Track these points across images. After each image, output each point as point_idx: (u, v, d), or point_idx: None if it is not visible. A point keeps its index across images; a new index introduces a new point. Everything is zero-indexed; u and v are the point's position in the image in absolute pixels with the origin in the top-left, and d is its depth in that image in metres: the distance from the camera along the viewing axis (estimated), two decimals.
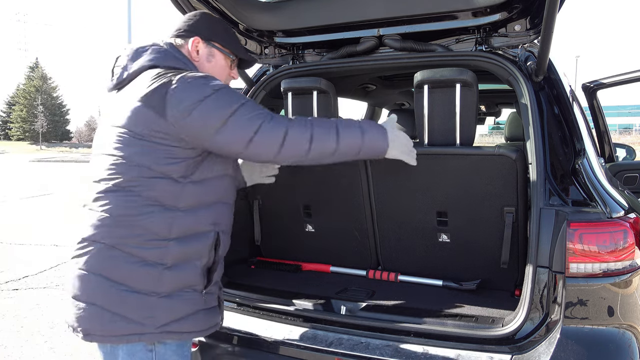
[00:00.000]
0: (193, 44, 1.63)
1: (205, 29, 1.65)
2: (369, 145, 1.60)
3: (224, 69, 1.70)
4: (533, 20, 2.03)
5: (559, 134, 1.89)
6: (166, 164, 1.44)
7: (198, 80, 1.45)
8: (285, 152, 1.47)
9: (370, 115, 4.54)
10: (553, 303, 1.62)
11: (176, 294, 1.47)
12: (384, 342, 1.75)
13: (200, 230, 1.51)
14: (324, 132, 1.53)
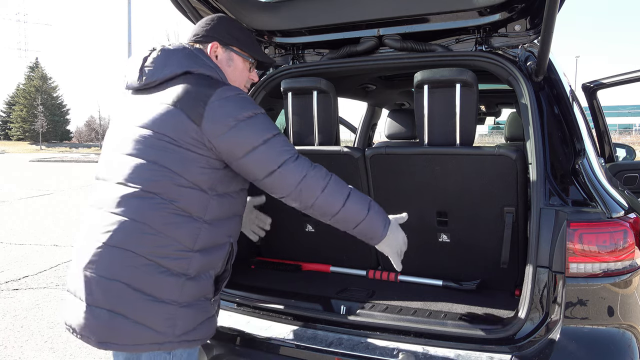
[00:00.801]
0: (212, 49, 1.63)
1: (223, 33, 1.65)
2: (368, 225, 1.57)
3: (243, 72, 1.70)
4: (533, 20, 2.03)
5: (559, 134, 1.89)
6: (198, 174, 1.44)
7: (239, 99, 1.47)
8: (297, 193, 1.49)
9: (370, 115, 4.54)
10: (553, 303, 1.62)
11: (194, 303, 1.48)
12: (384, 342, 1.75)
13: (219, 242, 1.54)
14: (337, 190, 1.53)
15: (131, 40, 19.65)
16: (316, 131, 2.29)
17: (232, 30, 1.67)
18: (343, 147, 2.22)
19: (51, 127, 58.80)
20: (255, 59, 1.72)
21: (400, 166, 2.12)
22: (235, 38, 1.66)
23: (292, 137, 2.36)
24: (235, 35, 1.66)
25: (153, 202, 1.40)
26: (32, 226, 7.71)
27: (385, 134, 3.58)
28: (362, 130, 4.57)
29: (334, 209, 1.53)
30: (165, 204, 1.40)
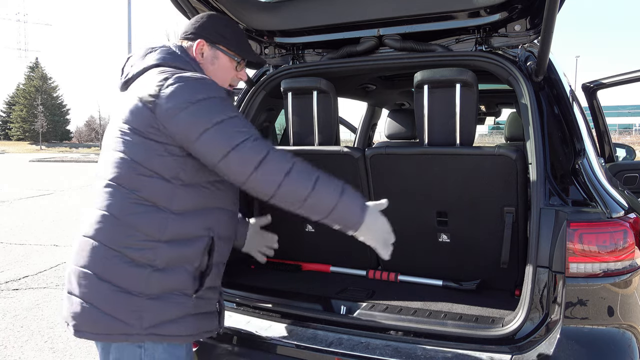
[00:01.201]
0: (197, 47, 1.63)
1: (210, 31, 1.65)
2: (342, 211, 1.46)
3: (228, 71, 1.69)
4: (533, 20, 2.03)
5: (559, 134, 1.89)
6: (158, 162, 1.44)
7: (194, 82, 1.45)
8: (256, 178, 1.39)
9: (370, 115, 4.54)
10: (553, 303, 1.62)
11: (165, 296, 1.45)
12: (384, 342, 1.75)
13: (193, 235, 1.50)
14: (303, 174, 1.44)
15: (131, 40, 19.65)
16: (316, 131, 2.29)
17: (220, 28, 1.67)
18: (343, 147, 2.22)
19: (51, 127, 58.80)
20: (241, 58, 1.70)
21: (400, 166, 2.12)
22: (222, 36, 1.65)
23: (292, 137, 2.36)
24: (222, 34, 1.66)
25: (119, 193, 1.44)
26: (32, 226, 7.71)
27: (385, 134, 3.58)
28: (362, 130, 4.57)
29: (301, 194, 1.42)
30: (129, 194, 1.43)
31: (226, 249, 1.65)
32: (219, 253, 1.59)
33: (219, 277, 1.66)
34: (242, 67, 1.73)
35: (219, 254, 1.59)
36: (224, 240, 1.62)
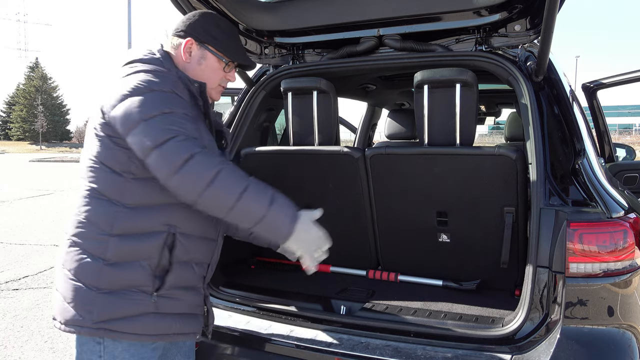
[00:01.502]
0: (186, 45, 1.60)
1: (200, 30, 1.62)
2: (270, 221, 1.40)
3: (216, 72, 1.65)
4: (533, 20, 2.03)
5: (559, 134, 1.89)
6: (107, 155, 1.44)
7: (138, 76, 1.43)
8: (180, 178, 1.33)
9: (370, 115, 4.54)
10: (553, 303, 1.62)
11: (119, 292, 1.43)
12: (384, 342, 1.75)
13: (148, 230, 1.45)
14: (231, 180, 1.36)
15: (131, 40, 19.64)
16: (316, 131, 2.29)
17: (211, 27, 1.63)
18: (343, 147, 2.22)
19: (51, 127, 58.82)
20: (230, 59, 1.66)
21: (400, 166, 2.12)
22: (212, 36, 1.62)
23: (292, 137, 2.36)
24: (212, 33, 1.62)
25: (82, 187, 1.49)
26: (32, 226, 7.71)
27: (385, 134, 3.58)
28: (362, 130, 4.57)
29: (227, 203, 1.35)
30: (86, 188, 1.47)
31: (201, 248, 1.57)
32: (186, 251, 1.51)
33: (198, 278, 1.59)
34: (231, 68, 1.70)
35: (186, 252, 1.51)
36: (194, 239, 1.53)
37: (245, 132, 2.43)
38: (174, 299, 1.51)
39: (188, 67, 1.61)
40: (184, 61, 1.61)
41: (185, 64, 1.61)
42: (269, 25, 2.37)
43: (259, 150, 2.34)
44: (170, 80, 1.47)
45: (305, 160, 2.29)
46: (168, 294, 1.49)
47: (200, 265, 1.59)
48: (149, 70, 1.47)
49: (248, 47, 2.51)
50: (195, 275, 1.57)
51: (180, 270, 1.51)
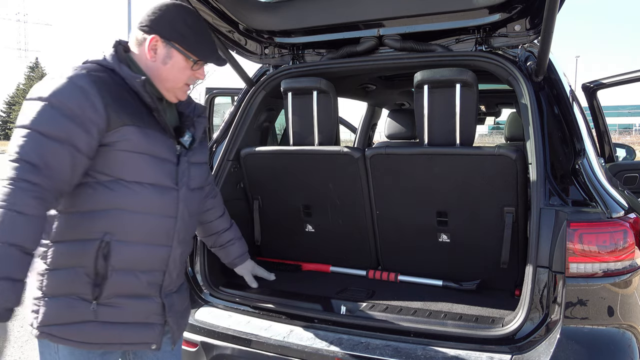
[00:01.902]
0: (150, 43, 1.48)
1: (166, 26, 1.48)
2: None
3: (183, 71, 1.53)
4: (533, 20, 2.03)
5: (559, 134, 1.89)
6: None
7: (50, 81, 1.38)
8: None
9: (370, 115, 4.54)
10: (553, 303, 1.62)
11: (61, 298, 1.41)
12: (384, 342, 1.75)
13: (83, 237, 1.41)
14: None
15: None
16: (316, 131, 2.29)
17: (177, 23, 1.49)
18: (343, 147, 2.22)
19: None
20: (198, 59, 1.54)
21: (400, 166, 2.12)
22: (179, 33, 1.49)
23: (292, 137, 2.36)
24: (179, 30, 1.49)
25: None
26: None
27: (385, 134, 3.59)
28: (362, 130, 4.57)
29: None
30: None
31: (146, 255, 1.49)
32: (126, 259, 1.45)
33: (148, 286, 1.51)
34: (201, 66, 1.57)
35: (126, 260, 1.45)
36: (136, 246, 1.46)
37: (245, 132, 2.43)
38: (117, 307, 1.46)
39: (152, 66, 1.51)
40: (148, 59, 1.50)
41: (149, 62, 1.50)
42: (269, 25, 2.37)
43: (259, 150, 2.34)
44: (66, 90, 1.34)
45: (305, 160, 2.29)
46: (110, 302, 1.45)
47: (148, 273, 1.50)
48: (66, 75, 1.38)
49: (248, 47, 2.51)
50: (142, 283, 1.49)
51: (121, 278, 1.45)
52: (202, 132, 1.67)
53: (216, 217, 1.98)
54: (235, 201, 2.44)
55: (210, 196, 1.94)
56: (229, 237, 2.03)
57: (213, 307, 2.11)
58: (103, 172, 1.41)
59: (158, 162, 1.48)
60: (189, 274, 2.21)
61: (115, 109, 1.39)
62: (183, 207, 1.54)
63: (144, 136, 1.43)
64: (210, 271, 2.20)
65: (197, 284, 2.20)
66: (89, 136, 1.34)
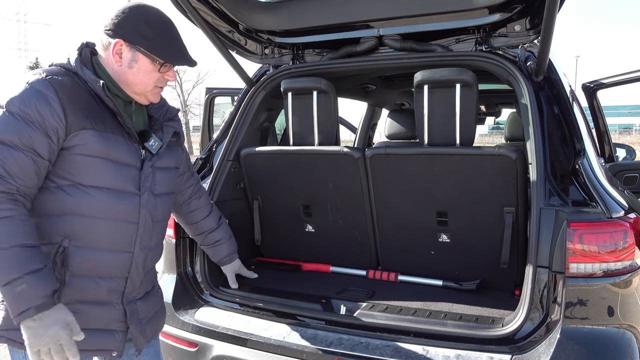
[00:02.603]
0: (115, 48, 1.45)
1: (129, 29, 1.45)
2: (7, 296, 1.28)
3: (150, 74, 1.49)
4: (533, 20, 2.03)
5: (559, 134, 1.89)
6: None
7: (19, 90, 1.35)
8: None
9: (370, 115, 4.54)
10: (553, 303, 1.62)
11: None
12: (384, 342, 1.75)
13: (41, 242, 1.38)
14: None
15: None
16: (316, 131, 2.29)
17: (140, 25, 1.46)
18: (343, 147, 2.22)
19: None
20: (164, 61, 1.50)
21: (400, 166, 2.12)
22: (142, 36, 1.45)
23: (292, 137, 2.36)
24: (143, 33, 1.45)
25: None
26: None
27: (385, 134, 3.58)
28: (362, 130, 4.58)
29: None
30: None
31: (106, 262, 1.47)
32: (84, 265, 1.43)
33: (109, 292, 1.49)
34: (169, 68, 1.54)
35: (84, 266, 1.43)
36: (95, 252, 1.44)
37: (245, 132, 2.43)
38: (77, 313, 1.41)
39: (119, 70, 1.48)
40: (114, 64, 1.48)
41: (115, 67, 1.48)
42: (269, 25, 2.37)
43: (259, 150, 2.34)
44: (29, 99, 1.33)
45: (305, 160, 2.29)
46: (69, 307, 1.39)
47: (108, 280, 1.48)
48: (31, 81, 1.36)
49: (248, 47, 2.51)
50: (102, 289, 1.47)
51: (80, 284, 1.44)
52: (172, 136, 1.64)
53: (201, 217, 1.98)
54: (235, 201, 2.44)
55: (194, 197, 1.93)
56: (217, 237, 2.05)
57: (213, 307, 2.11)
58: (62, 177, 1.40)
59: (118, 167, 1.46)
60: (189, 274, 2.21)
61: (75, 112, 1.38)
62: (145, 212, 1.52)
63: (103, 140, 1.42)
64: (210, 271, 2.20)
65: (197, 284, 2.19)
66: (49, 141, 1.34)
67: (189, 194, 1.91)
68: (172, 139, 1.65)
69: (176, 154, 1.68)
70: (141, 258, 1.54)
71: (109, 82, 1.48)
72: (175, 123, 1.66)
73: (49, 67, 1.44)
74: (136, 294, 1.57)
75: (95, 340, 1.48)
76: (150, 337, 1.65)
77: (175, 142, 1.67)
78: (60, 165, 1.40)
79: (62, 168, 1.40)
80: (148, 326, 1.62)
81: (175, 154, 1.67)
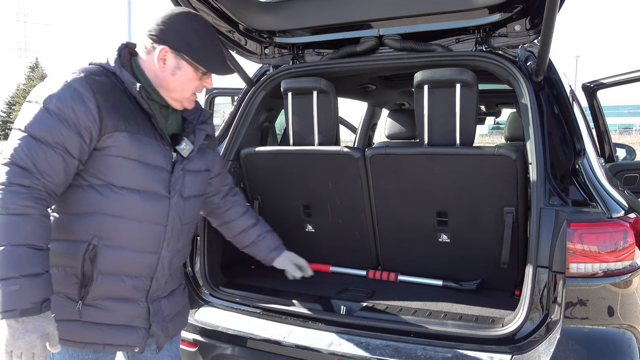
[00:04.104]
0: (160, 54, 1.47)
1: (175, 37, 1.47)
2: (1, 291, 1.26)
3: (191, 81, 1.53)
4: (533, 20, 2.03)
5: (559, 134, 1.89)
6: None
7: (50, 83, 1.38)
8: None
9: (370, 115, 4.54)
10: (553, 303, 1.62)
11: (54, 296, 1.38)
12: (384, 342, 1.75)
13: (72, 238, 1.43)
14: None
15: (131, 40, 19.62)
16: (316, 131, 2.29)
17: (186, 33, 1.48)
18: (343, 147, 2.22)
19: None
20: (207, 70, 1.53)
21: (400, 166, 2.12)
22: (187, 44, 1.48)
23: (292, 137, 2.36)
24: (188, 41, 1.48)
25: None
26: None
27: (385, 134, 3.58)
28: (362, 130, 4.58)
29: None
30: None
31: (133, 261, 1.50)
32: (112, 263, 1.46)
33: (134, 291, 1.52)
34: (209, 75, 1.57)
35: (112, 264, 1.46)
36: (123, 251, 1.47)
37: (245, 132, 2.43)
38: (102, 309, 1.48)
39: (161, 76, 1.50)
40: (156, 68, 1.49)
41: (158, 72, 1.50)
42: (269, 25, 2.37)
43: (259, 150, 2.34)
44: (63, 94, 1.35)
45: (305, 160, 2.29)
46: (95, 303, 1.47)
47: (134, 278, 1.52)
48: (68, 78, 1.38)
49: (248, 47, 2.51)
50: (127, 287, 1.51)
51: (107, 282, 1.47)
52: (204, 139, 1.66)
53: (239, 214, 1.96)
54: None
55: (230, 194, 1.93)
56: (257, 232, 1.99)
57: (213, 307, 2.11)
58: (95, 176, 1.42)
59: (150, 169, 1.48)
60: (189, 274, 2.21)
61: (110, 113, 1.39)
62: (174, 215, 1.54)
63: (136, 143, 1.44)
64: (210, 271, 2.20)
65: (197, 284, 2.20)
66: (81, 140, 1.36)
67: (225, 191, 1.91)
68: (204, 142, 1.67)
69: (207, 157, 1.69)
70: (167, 259, 1.57)
71: (146, 84, 1.50)
72: (207, 126, 1.68)
73: (88, 65, 1.46)
74: (161, 292, 1.60)
75: (119, 336, 1.52)
76: (173, 335, 1.68)
77: (207, 145, 1.69)
78: (93, 165, 1.42)
79: (94, 168, 1.42)
80: (171, 324, 1.65)
81: (206, 157, 1.68)
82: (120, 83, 1.45)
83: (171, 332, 1.65)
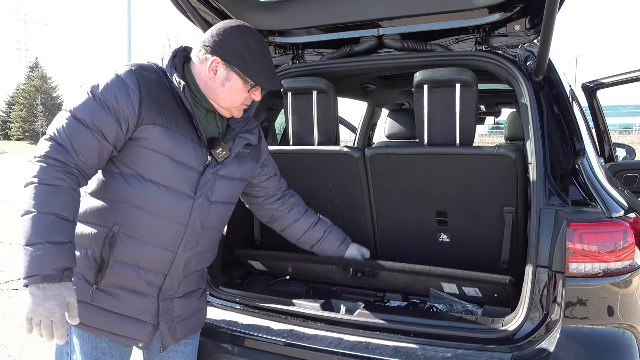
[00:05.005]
0: (212, 65, 1.53)
1: (229, 50, 1.52)
2: (24, 257, 1.30)
3: (239, 93, 1.57)
4: (533, 20, 2.04)
5: (559, 134, 1.89)
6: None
7: (107, 74, 1.47)
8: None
9: (370, 115, 4.54)
10: (553, 303, 1.62)
11: (75, 275, 1.46)
12: (384, 342, 1.75)
13: (96, 222, 1.49)
14: (30, 197, 1.32)
15: (131, 40, 19.64)
16: (316, 131, 2.29)
17: (240, 48, 1.53)
18: (343, 147, 2.22)
19: None
20: (257, 84, 1.57)
21: (400, 166, 2.12)
22: (240, 58, 1.53)
23: (292, 137, 2.36)
24: (241, 55, 1.53)
25: None
26: None
27: (385, 134, 3.58)
28: (362, 130, 4.57)
29: (21, 210, 1.34)
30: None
31: (149, 255, 1.52)
32: (128, 253, 1.50)
33: (147, 285, 1.54)
34: (258, 89, 1.60)
35: (128, 254, 1.50)
36: (141, 244, 1.50)
37: None
38: (114, 296, 1.53)
39: (211, 85, 1.55)
40: (207, 78, 1.55)
41: (208, 81, 1.55)
42: (269, 25, 2.37)
43: None
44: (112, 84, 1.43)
45: (305, 160, 2.29)
46: (108, 290, 1.52)
47: (149, 273, 1.54)
48: (123, 70, 1.47)
49: None
50: (140, 280, 1.53)
51: (122, 270, 1.51)
52: (245, 147, 1.69)
53: (301, 214, 2.01)
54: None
55: (288, 196, 1.99)
56: (323, 228, 2.04)
57: (213, 307, 2.11)
58: (127, 165, 1.49)
59: (179, 167, 1.51)
60: None
61: (150, 107, 1.45)
62: (196, 216, 1.56)
63: (171, 139, 1.48)
64: (210, 271, 2.20)
65: None
66: (118, 127, 1.43)
67: (282, 194, 1.97)
68: (245, 151, 1.70)
69: (245, 167, 1.71)
70: (183, 260, 1.58)
71: (195, 90, 1.56)
72: (251, 136, 1.72)
73: (144, 62, 1.53)
74: (174, 292, 1.62)
75: (125, 327, 1.54)
76: (180, 338, 1.68)
77: (247, 154, 1.72)
78: (127, 154, 1.48)
79: (127, 157, 1.49)
80: (180, 326, 1.65)
81: (244, 167, 1.70)
82: (169, 82, 1.52)
83: (179, 334, 1.65)
